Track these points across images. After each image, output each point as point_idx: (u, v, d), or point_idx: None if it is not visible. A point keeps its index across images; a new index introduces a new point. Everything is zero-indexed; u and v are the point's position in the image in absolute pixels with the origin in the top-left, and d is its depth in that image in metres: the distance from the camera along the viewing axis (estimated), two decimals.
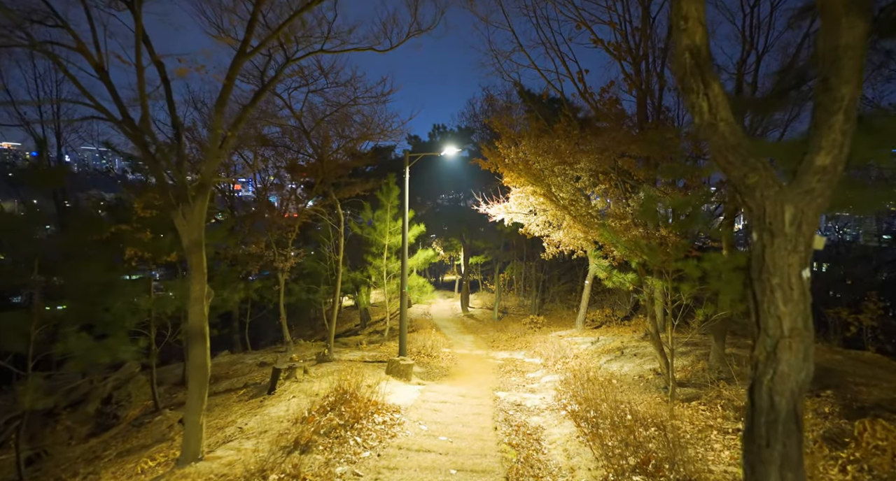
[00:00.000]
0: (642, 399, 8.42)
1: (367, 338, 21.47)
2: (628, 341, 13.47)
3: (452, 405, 8.02)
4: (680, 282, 6.98)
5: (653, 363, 10.69)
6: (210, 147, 4.94)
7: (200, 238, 4.95)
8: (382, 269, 14.89)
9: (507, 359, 14.32)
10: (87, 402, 9.95)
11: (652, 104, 13.17)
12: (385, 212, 14.37)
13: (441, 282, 43.16)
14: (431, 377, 11.33)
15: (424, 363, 12.96)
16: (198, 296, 4.92)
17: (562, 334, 18.04)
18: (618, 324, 19.81)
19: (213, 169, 4.97)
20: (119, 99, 4.62)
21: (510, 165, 8.80)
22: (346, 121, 10.88)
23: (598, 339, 14.54)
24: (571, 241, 8.82)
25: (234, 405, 8.46)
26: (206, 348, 4.99)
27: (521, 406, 8.28)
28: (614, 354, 12.17)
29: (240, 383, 10.62)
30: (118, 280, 8.06)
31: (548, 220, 10.07)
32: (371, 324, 27.01)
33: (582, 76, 12.85)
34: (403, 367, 10.19)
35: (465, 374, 11.94)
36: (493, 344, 17.89)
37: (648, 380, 9.56)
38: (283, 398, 7.79)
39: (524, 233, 10.53)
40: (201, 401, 4.92)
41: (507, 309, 27.54)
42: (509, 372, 12.40)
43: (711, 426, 6.55)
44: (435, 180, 28.15)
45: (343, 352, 14.06)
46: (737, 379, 7.82)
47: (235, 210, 16.76)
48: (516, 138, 9.51)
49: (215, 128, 4.90)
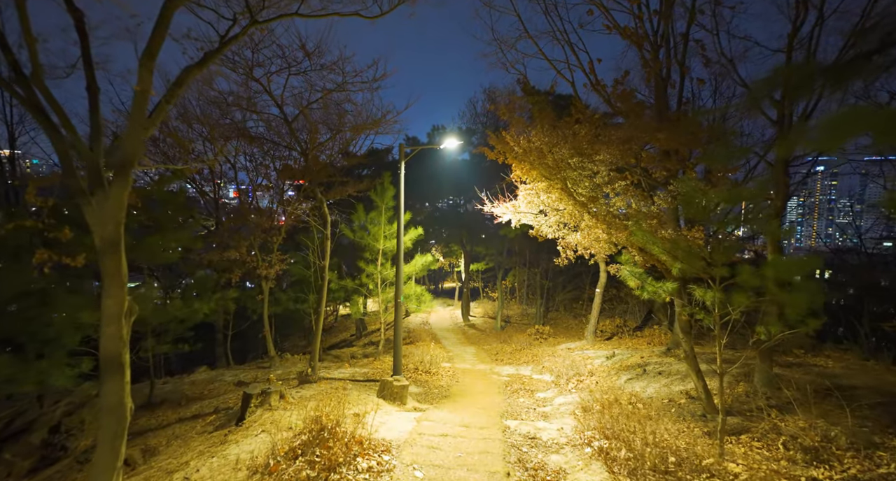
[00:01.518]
0: (678, 429, 7.11)
1: (361, 350, 20.15)
2: (649, 356, 12.16)
3: (454, 439, 6.71)
4: (728, 293, 5.72)
5: (682, 383, 9.40)
6: (132, 113, 3.72)
7: (118, 236, 3.71)
8: (376, 276, 13.62)
9: (513, 376, 13.01)
10: (32, 431, 8.61)
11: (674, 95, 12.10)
12: (379, 214, 13.12)
13: (441, 289, 41.91)
14: (430, 399, 10.02)
15: (422, 381, 11.65)
16: (113, 314, 3.65)
17: (571, 347, 16.72)
18: (630, 335, 18.51)
19: (137, 143, 3.75)
20: None
21: (521, 156, 7.59)
22: (335, 110, 9.71)
23: (614, 354, 13.23)
24: (592, 244, 7.58)
25: (195, 438, 7.14)
26: (123, 383, 3.71)
27: (535, 439, 6.97)
28: (635, 372, 10.86)
29: (210, 407, 9.31)
30: (51, 290, 6.79)
31: (562, 221, 8.83)
32: (367, 333, 25.72)
33: (593, 66, 11.76)
34: (397, 389, 8.89)
35: (468, 395, 10.63)
36: (496, 357, 16.56)
37: (681, 406, 8.25)
38: (251, 432, 6.48)
39: (535, 234, 9.28)
40: (115, 458, 3.61)
41: (510, 318, 26.25)
42: (517, 392, 11.09)
43: (777, 472, 5.25)
44: (434, 184, 26.97)
45: (332, 368, 12.74)
46: (798, 409, 6.51)
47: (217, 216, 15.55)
48: (527, 127, 8.32)
49: (140, 87, 3.68)
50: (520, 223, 10.14)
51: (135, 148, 3.74)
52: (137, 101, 3.75)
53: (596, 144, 8.41)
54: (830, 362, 9.86)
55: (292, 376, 10.49)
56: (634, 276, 5.85)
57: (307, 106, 8.97)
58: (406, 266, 14.40)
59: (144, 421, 9.49)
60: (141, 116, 3.77)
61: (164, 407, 10.32)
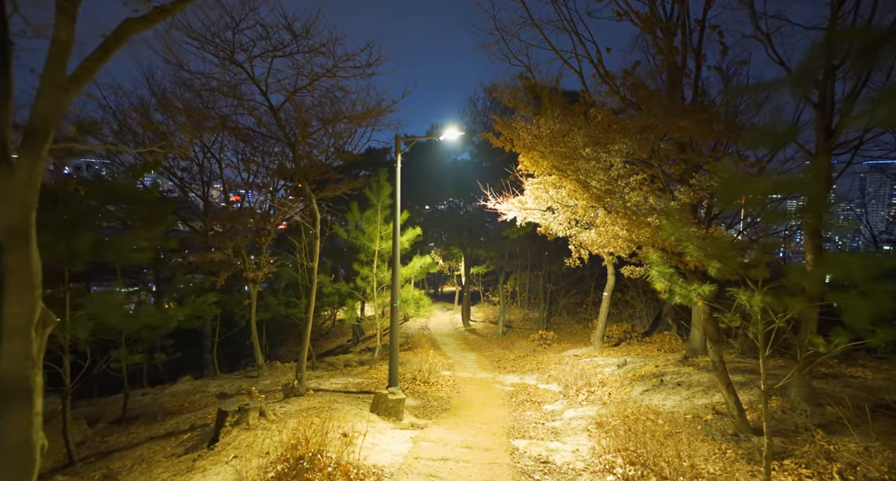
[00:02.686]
0: (708, 451, 6.28)
1: (357, 357, 19.27)
2: (664, 365, 11.32)
3: (455, 464, 5.87)
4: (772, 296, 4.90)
5: (706, 396, 8.56)
6: (46, 68, 2.92)
7: (27, 224, 2.90)
8: (372, 279, 12.78)
9: (517, 385, 12.17)
10: None
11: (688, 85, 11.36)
12: (375, 213, 12.31)
13: (440, 293, 41.05)
14: (428, 413, 9.17)
15: (420, 393, 10.80)
16: (18, 325, 2.83)
17: (578, 353, 15.87)
18: (639, 341, 17.64)
19: (53, 108, 2.94)
20: None
21: (529, 144, 6.81)
22: (327, 98, 8.91)
23: (626, 361, 12.38)
24: (609, 242, 6.77)
25: (160, 463, 6.29)
26: (31, 415, 2.88)
27: (548, 463, 6.13)
28: (651, 382, 10.02)
29: (187, 423, 8.46)
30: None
31: (574, 218, 8.02)
32: (364, 339, 24.87)
33: (601, 57, 11.03)
34: (392, 404, 8.04)
35: (470, 407, 9.79)
36: (499, 364, 15.70)
37: (708, 422, 7.41)
38: (223, 457, 5.64)
39: (544, 233, 8.46)
40: None
41: (512, 322, 25.38)
42: (523, 404, 10.25)
43: None
44: (433, 185, 26.16)
45: (324, 378, 11.88)
46: (852, 430, 5.67)
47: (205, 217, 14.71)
48: (534, 115, 7.54)
49: (58, 35, 2.89)
50: (525, 221, 9.33)
51: (49, 113, 2.93)
52: (54, 54, 2.95)
53: (610, 133, 7.64)
54: (868, 373, 9.03)
55: (279, 387, 9.63)
56: (664, 277, 5.05)
57: (294, 92, 8.19)
58: (404, 268, 13.57)
59: (115, 439, 8.63)
60: (58, 74, 2.97)
61: (139, 422, 9.46)
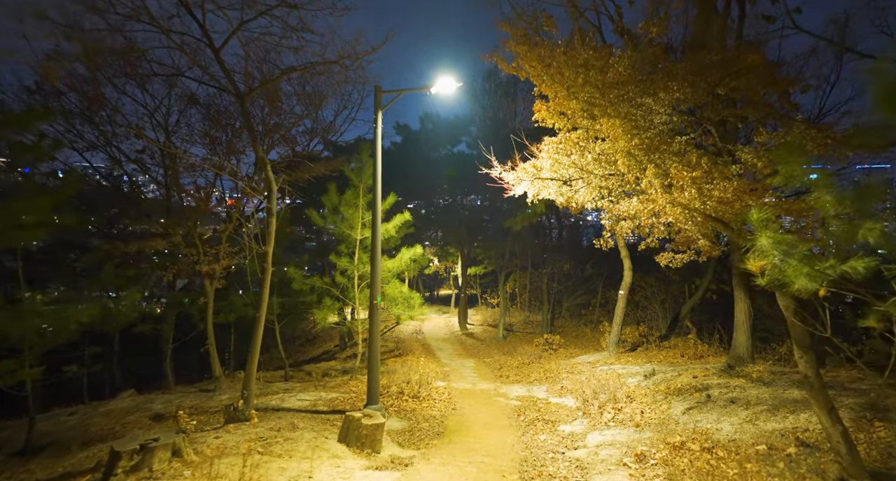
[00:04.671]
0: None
1: (341, 364, 17.25)
2: (703, 376, 9.41)
3: None
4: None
5: (775, 418, 6.63)
6: None
7: None
8: (353, 273, 10.81)
9: (524, 399, 10.21)
10: None
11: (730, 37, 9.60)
12: (356, 196, 10.36)
13: (436, 296, 39.04)
14: (416, 440, 7.19)
15: (408, 410, 8.82)
16: None
17: (591, 360, 13.93)
18: (657, 345, 15.73)
19: None
20: None
21: (559, 68, 4.81)
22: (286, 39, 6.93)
23: (654, 371, 10.45)
24: (671, 211, 4.83)
25: None
26: None
27: None
28: (694, 398, 8.10)
29: (94, 459, 6.41)
30: None
31: (606, 186, 6.12)
32: (352, 344, 22.85)
33: (621, 14, 9.31)
34: (367, 431, 6.05)
35: (469, 431, 7.84)
36: (500, 372, 13.75)
37: (792, 458, 5.48)
38: None
39: (566, 205, 6.54)
40: None
41: (513, 326, 23.45)
42: (533, 424, 8.31)
43: None
44: (427, 180, 24.21)
45: (292, 392, 9.86)
46: None
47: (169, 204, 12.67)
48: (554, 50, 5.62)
49: None
50: (538, 197, 7.36)
51: None
52: None
53: (654, 74, 5.76)
54: None
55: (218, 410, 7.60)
56: (779, 249, 3.17)
57: (241, 25, 6.27)
58: (390, 260, 11.60)
59: (25, 477, 6.56)
60: None
61: (47, 453, 7.41)
